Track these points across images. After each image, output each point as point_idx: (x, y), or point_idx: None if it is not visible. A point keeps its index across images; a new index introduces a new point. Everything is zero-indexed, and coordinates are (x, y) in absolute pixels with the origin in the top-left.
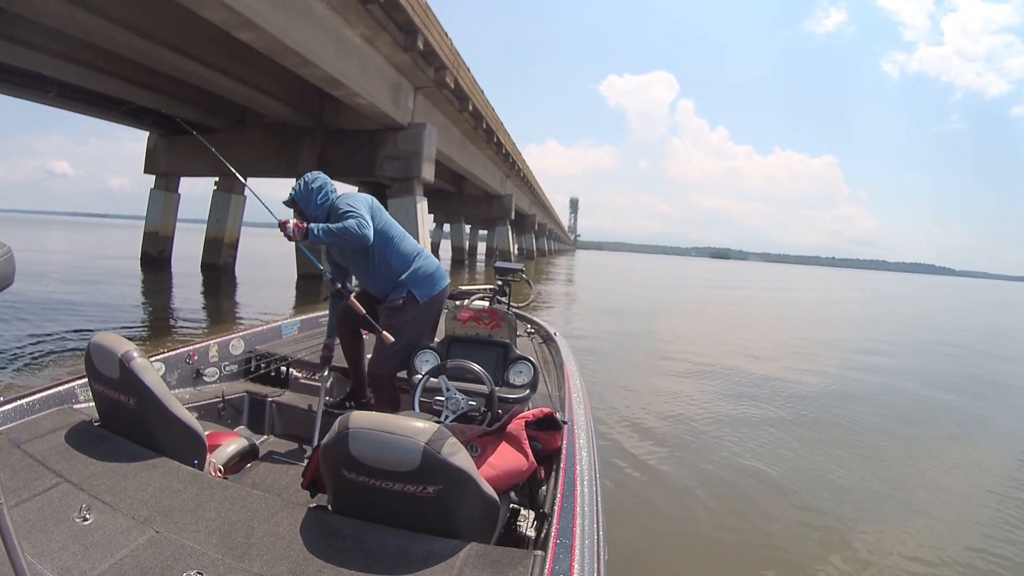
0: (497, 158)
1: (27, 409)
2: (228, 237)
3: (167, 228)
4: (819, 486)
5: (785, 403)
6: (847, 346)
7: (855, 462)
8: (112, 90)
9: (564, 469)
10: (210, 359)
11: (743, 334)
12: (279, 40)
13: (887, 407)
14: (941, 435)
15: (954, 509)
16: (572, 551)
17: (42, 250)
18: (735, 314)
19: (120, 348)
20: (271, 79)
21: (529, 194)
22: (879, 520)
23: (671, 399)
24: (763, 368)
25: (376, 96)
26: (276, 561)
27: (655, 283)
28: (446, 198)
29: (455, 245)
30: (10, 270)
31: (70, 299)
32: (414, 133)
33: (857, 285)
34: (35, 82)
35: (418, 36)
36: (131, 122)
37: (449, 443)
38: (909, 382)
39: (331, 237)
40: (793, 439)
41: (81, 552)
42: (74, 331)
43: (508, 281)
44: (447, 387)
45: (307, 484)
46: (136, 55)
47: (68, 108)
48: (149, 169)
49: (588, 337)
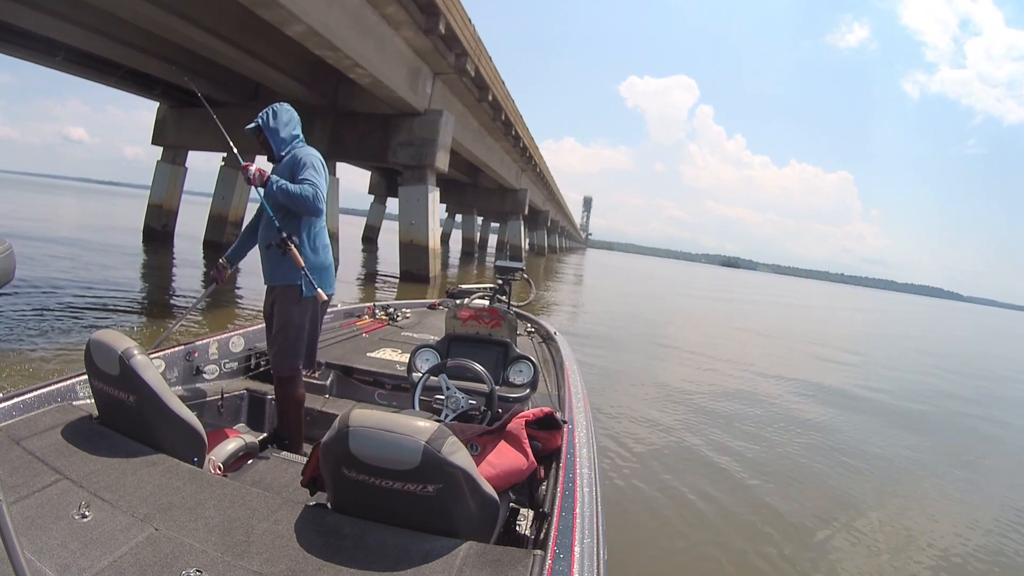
0: (514, 151)
1: (26, 406)
2: (232, 215)
3: (172, 202)
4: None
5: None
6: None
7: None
8: (121, 57)
9: (564, 468)
10: (210, 356)
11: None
12: (287, 8)
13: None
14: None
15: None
16: (572, 550)
17: (36, 218)
18: (762, 335)
19: (120, 345)
20: (284, 55)
21: (544, 190)
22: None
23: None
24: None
25: (393, 79)
26: (275, 559)
27: (668, 291)
28: (460, 189)
29: (466, 237)
30: (10, 266)
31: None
32: (430, 120)
33: (880, 307)
34: (43, 45)
35: (440, 19)
36: (141, 91)
37: (449, 442)
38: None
39: (286, 198)
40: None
41: (80, 549)
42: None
43: (508, 280)
44: (447, 386)
45: (307, 482)
46: (147, 23)
47: (75, 73)
48: (157, 140)
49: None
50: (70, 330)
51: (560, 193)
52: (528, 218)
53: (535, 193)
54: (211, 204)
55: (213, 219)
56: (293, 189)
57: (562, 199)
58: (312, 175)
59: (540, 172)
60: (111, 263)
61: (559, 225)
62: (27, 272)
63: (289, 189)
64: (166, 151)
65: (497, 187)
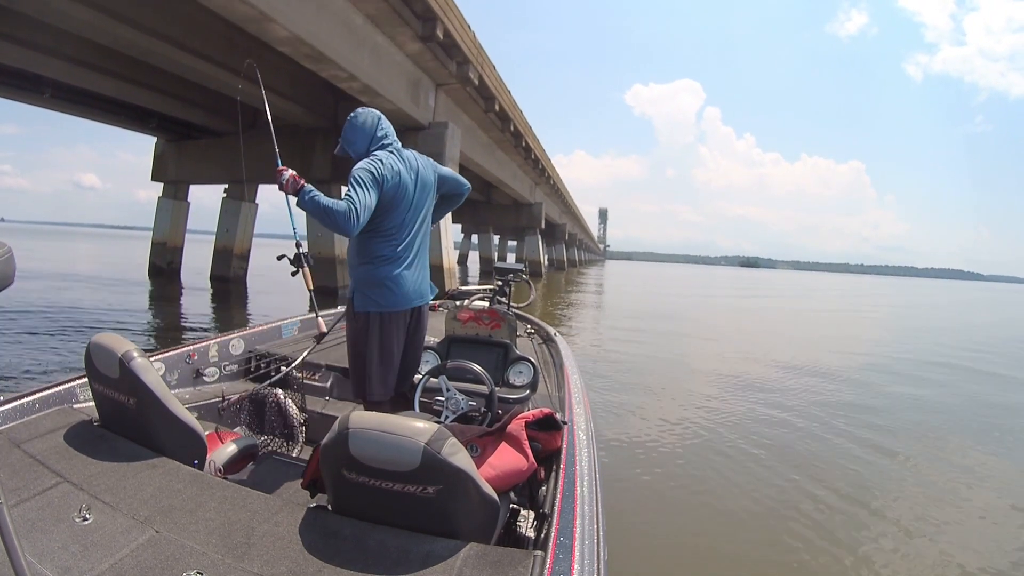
0: (526, 164)
1: (27, 409)
2: (238, 247)
3: (176, 238)
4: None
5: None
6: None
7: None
8: (109, 90)
9: (564, 469)
10: (210, 359)
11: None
12: (268, 15)
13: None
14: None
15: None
16: (572, 551)
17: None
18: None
19: (120, 348)
20: (279, 74)
21: (559, 202)
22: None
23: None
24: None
25: (392, 91)
26: (276, 561)
27: (693, 298)
28: (474, 207)
29: (483, 256)
30: (10, 270)
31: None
32: (436, 133)
33: (920, 300)
34: (29, 83)
35: (437, 24)
36: (135, 125)
37: (449, 443)
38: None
39: (315, 211)
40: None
41: (81, 552)
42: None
43: (508, 282)
44: (447, 387)
45: (307, 484)
46: (129, 48)
47: (65, 111)
48: (157, 176)
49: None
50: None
51: (575, 205)
52: (545, 233)
53: (551, 206)
54: (215, 237)
55: (218, 253)
56: (324, 203)
57: (578, 211)
58: (353, 191)
59: (554, 184)
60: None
61: (577, 238)
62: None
63: (320, 202)
64: (167, 187)
65: (512, 202)
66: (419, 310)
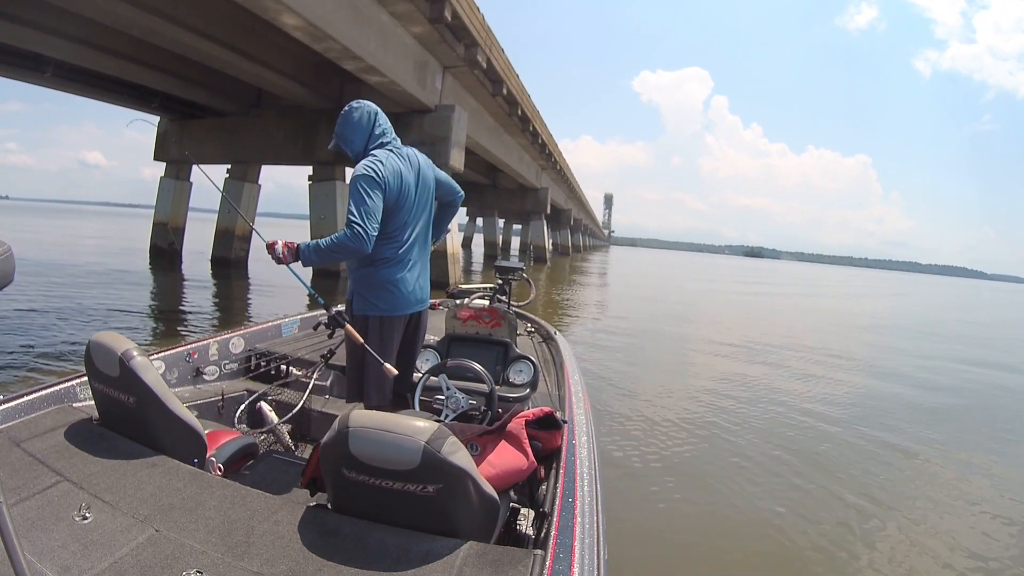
0: (533, 148)
1: (27, 407)
2: (240, 229)
3: (177, 219)
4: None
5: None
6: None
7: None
8: (110, 69)
9: (564, 468)
10: (210, 357)
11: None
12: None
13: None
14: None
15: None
16: (572, 550)
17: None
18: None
19: (120, 347)
20: (282, 55)
21: (565, 187)
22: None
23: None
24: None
25: (399, 73)
26: (276, 560)
27: (703, 288)
28: (479, 191)
29: (488, 240)
30: (10, 268)
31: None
32: (442, 116)
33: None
34: (29, 61)
35: (445, 5)
36: (137, 104)
37: (449, 442)
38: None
39: (325, 258)
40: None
41: (81, 551)
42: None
43: (508, 280)
44: (447, 386)
45: (307, 483)
46: (131, 28)
47: (67, 89)
48: (159, 156)
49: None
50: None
51: (581, 190)
52: (550, 217)
53: (556, 191)
54: (217, 218)
55: (220, 234)
56: (327, 244)
57: (583, 196)
58: (354, 205)
59: (560, 169)
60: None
61: (582, 223)
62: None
63: (324, 247)
64: (169, 166)
65: (517, 187)
66: (418, 315)
